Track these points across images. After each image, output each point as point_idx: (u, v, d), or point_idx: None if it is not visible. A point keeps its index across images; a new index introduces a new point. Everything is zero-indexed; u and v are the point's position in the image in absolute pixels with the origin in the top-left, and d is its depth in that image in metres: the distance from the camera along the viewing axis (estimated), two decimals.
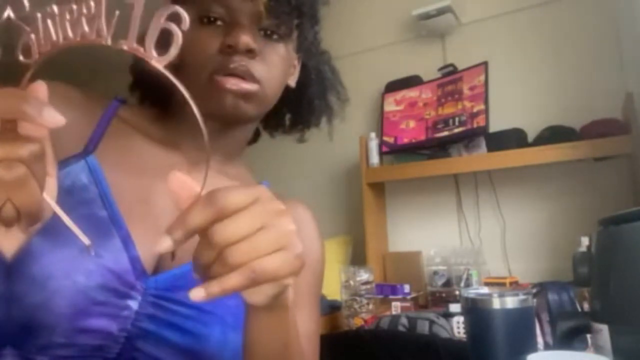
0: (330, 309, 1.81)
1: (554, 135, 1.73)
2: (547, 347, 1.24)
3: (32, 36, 0.35)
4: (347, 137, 2.01)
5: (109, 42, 0.33)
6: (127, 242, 0.53)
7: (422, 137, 1.99)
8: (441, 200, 2.10)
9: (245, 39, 0.55)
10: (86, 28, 0.33)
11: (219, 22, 0.58)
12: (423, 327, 1.44)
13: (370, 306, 1.75)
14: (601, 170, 1.78)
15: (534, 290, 1.39)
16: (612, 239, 0.61)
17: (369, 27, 2.37)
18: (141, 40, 0.33)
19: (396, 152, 2.07)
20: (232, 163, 0.68)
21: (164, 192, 0.59)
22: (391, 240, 2.22)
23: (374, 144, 2.06)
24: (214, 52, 0.57)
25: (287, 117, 0.77)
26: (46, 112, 0.34)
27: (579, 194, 1.81)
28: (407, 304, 1.77)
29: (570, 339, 0.65)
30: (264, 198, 0.39)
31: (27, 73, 0.36)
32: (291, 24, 0.61)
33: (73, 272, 0.49)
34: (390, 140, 2.07)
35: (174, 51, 0.33)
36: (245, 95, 0.58)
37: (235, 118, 0.60)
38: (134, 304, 0.53)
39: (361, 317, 1.71)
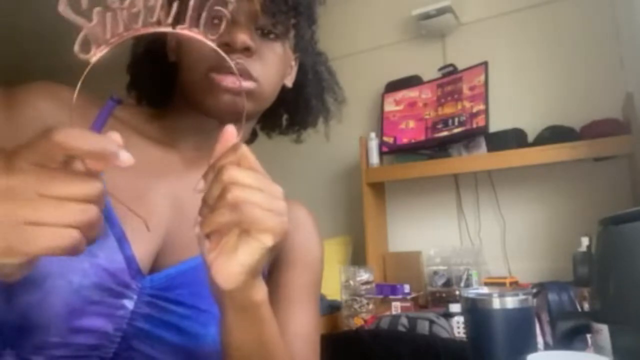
0: (330, 309, 1.81)
1: (554, 135, 1.73)
2: (547, 347, 1.24)
3: (96, 30, 0.36)
4: (347, 137, 2.01)
5: (170, 26, 0.37)
6: (122, 242, 0.53)
7: (422, 137, 1.99)
8: (441, 200, 2.10)
9: (242, 37, 0.56)
10: (147, 18, 0.36)
11: (215, 21, 0.58)
12: (423, 327, 1.44)
13: (370, 306, 1.75)
14: (601, 170, 1.78)
15: (534, 290, 1.39)
16: (612, 239, 0.61)
17: (369, 27, 2.37)
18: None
19: (396, 152, 2.07)
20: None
21: (160, 191, 0.60)
22: (391, 240, 2.22)
23: (374, 144, 2.06)
24: (211, 49, 0.57)
25: (284, 117, 0.77)
26: (122, 154, 0.37)
27: (579, 194, 1.81)
28: (407, 304, 1.77)
29: (570, 339, 0.65)
30: (270, 180, 0.44)
31: (87, 67, 0.37)
32: (288, 23, 0.61)
33: (68, 272, 0.49)
34: (390, 140, 2.07)
35: (223, 27, 0.39)
36: (242, 93, 0.58)
37: (231, 116, 0.60)
38: (129, 304, 0.53)
39: (361, 317, 1.71)
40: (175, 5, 0.38)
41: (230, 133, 0.44)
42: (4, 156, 0.35)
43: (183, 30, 0.39)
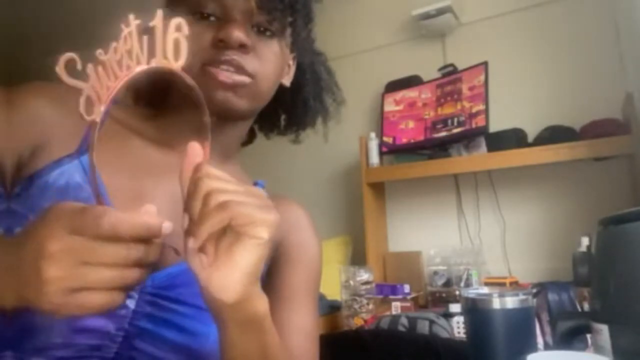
0: (330, 309, 1.80)
1: (553, 135, 1.73)
2: (547, 347, 1.24)
3: (92, 91, 0.38)
4: (347, 137, 2.01)
5: (147, 65, 0.39)
6: None
7: (421, 138, 1.99)
8: (441, 201, 2.10)
9: (237, 34, 0.56)
10: (128, 62, 0.38)
11: (212, 19, 0.59)
12: (423, 327, 1.44)
13: (370, 306, 1.74)
14: (601, 170, 1.78)
15: (534, 290, 1.39)
16: (612, 239, 0.61)
17: (369, 27, 2.37)
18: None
19: (395, 152, 2.07)
20: (228, 162, 0.69)
21: (159, 191, 0.60)
22: (391, 240, 2.22)
23: (374, 144, 2.06)
24: (207, 46, 0.57)
25: (282, 117, 0.77)
26: (164, 227, 0.39)
27: (579, 194, 1.81)
28: (407, 304, 1.77)
29: (570, 339, 0.65)
30: (247, 186, 0.44)
31: (95, 130, 0.39)
32: (284, 21, 0.62)
33: None
34: (389, 140, 2.07)
35: (183, 57, 0.41)
36: (237, 88, 0.58)
37: (227, 112, 0.59)
38: (130, 303, 0.53)
39: (361, 317, 1.71)
40: (145, 41, 0.39)
41: (196, 149, 0.44)
42: (43, 222, 0.37)
43: (157, 64, 0.40)
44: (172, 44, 0.40)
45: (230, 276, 0.40)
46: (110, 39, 0.37)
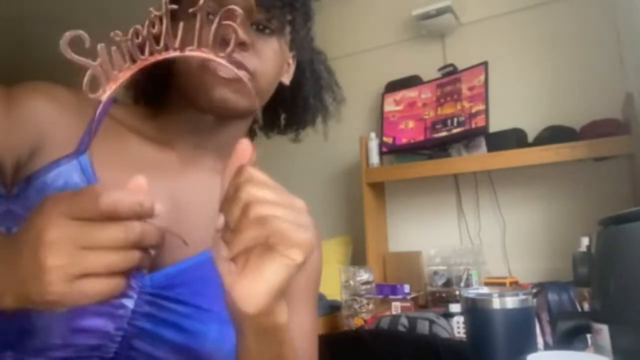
0: (330, 309, 1.80)
1: (553, 135, 1.73)
2: (547, 347, 1.24)
3: (99, 68, 0.36)
4: (347, 137, 2.01)
5: (177, 50, 0.37)
6: None
7: (421, 138, 1.99)
8: (441, 201, 2.10)
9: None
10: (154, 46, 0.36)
11: (210, 17, 0.58)
12: (423, 327, 1.44)
13: (370, 306, 1.74)
14: (601, 170, 1.78)
15: (534, 290, 1.39)
16: (612, 239, 0.61)
17: (369, 27, 2.37)
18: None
19: (396, 152, 2.07)
20: (227, 161, 0.69)
21: (158, 190, 0.59)
22: (391, 240, 2.21)
23: (374, 144, 2.06)
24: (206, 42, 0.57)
25: (282, 116, 0.77)
26: (157, 208, 0.39)
27: (579, 194, 1.81)
28: (407, 304, 1.77)
29: (570, 339, 0.65)
30: (291, 196, 0.41)
31: (98, 107, 0.38)
32: (283, 19, 0.62)
33: None
34: (389, 140, 2.07)
35: (231, 47, 0.39)
36: (236, 84, 0.57)
37: (226, 109, 0.59)
38: (129, 303, 0.52)
39: (361, 317, 1.71)
40: (180, 28, 0.38)
41: (244, 149, 0.42)
42: (40, 211, 0.36)
43: (192, 52, 0.38)
44: (216, 33, 0.37)
45: (255, 288, 0.39)
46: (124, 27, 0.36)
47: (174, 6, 0.37)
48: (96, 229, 0.35)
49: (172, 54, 0.37)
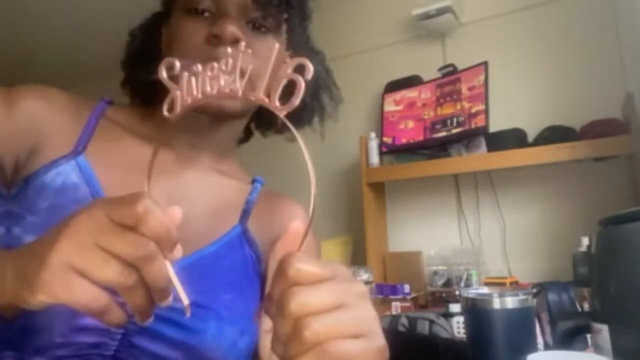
0: None
1: (554, 135, 1.73)
2: (547, 347, 1.23)
3: (178, 93, 0.40)
4: (347, 137, 2.01)
5: (240, 94, 0.38)
6: None
7: (421, 138, 1.99)
8: (441, 200, 2.10)
9: (231, 29, 0.55)
10: (222, 82, 0.38)
11: (206, 14, 0.59)
12: (423, 327, 1.44)
13: None
14: (601, 170, 1.78)
15: (534, 290, 1.39)
16: (612, 239, 0.61)
17: (369, 27, 2.37)
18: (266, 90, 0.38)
19: (395, 152, 2.07)
20: (225, 160, 0.69)
21: (155, 190, 0.59)
22: (391, 240, 2.21)
23: (374, 144, 2.06)
24: (200, 42, 0.57)
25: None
26: (176, 251, 0.38)
27: (579, 194, 1.81)
28: (407, 304, 1.77)
29: (570, 339, 0.65)
30: (343, 275, 0.36)
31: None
32: (279, 17, 0.61)
33: None
34: (389, 140, 2.07)
35: (295, 101, 0.37)
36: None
37: (222, 111, 0.59)
38: None
39: None
40: (247, 76, 0.39)
41: (297, 228, 0.38)
42: (91, 204, 0.37)
43: (251, 96, 0.39)
44: (281, 84, 0.36)
45: None
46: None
47: (277, 46, 0.39)
48: (117, 230, 0.35)
49: (233, 96, 0.39)
